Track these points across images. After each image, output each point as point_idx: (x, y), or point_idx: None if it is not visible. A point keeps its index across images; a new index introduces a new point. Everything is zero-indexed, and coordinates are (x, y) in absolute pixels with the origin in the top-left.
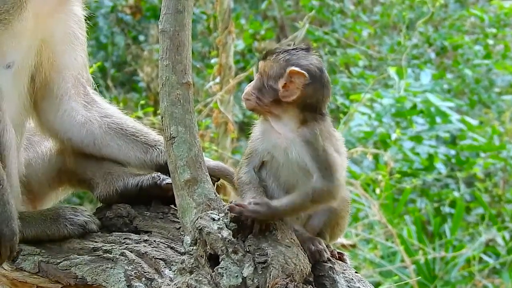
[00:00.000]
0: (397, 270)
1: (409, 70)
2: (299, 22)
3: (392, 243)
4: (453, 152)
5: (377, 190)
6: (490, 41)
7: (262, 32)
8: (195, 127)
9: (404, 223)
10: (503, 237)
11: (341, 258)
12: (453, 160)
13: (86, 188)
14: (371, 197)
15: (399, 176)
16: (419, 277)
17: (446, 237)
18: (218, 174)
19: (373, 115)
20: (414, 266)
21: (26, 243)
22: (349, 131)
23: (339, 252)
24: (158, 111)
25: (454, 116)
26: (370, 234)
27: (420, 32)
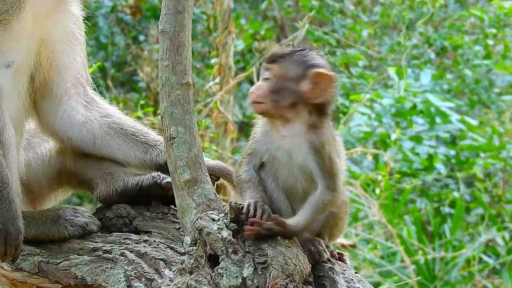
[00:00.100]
0: (397, 270)
1: (409, 70)
2: (299, 22)
3: (392, 243)
4: (453, 152)
5: (377, 190)
6: (490, 42)
7: (262, 32)
8: (195, 127)
9: (404, 223)
10: (503, 237)
11: (341, 258)
12: (453, 160)
13: (86, 189)
14: (371, 197)
15: (399, 176)
16: (419, 277)
17: (446, 237)
18: (217, 173)
19: (373, 115)
20: (414, 266)
21: (26, 243)
22: (349, 131)
23: (339, 253)
24: (158, 111)
25: (454, 116)
26: (370, 234)
27: (420, 32)
